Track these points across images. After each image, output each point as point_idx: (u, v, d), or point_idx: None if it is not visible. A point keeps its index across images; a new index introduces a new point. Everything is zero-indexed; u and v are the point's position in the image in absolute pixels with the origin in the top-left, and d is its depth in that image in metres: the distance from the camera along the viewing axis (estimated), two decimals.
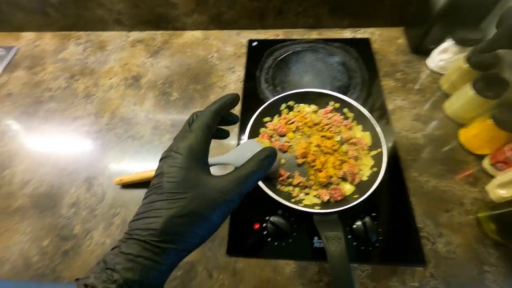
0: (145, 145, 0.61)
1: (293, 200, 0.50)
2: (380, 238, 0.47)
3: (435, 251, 0.46)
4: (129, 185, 0.55)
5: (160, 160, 0.27)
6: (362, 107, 0.55)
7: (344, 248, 0.40)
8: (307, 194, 0.51)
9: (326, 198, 0.49)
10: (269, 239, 0.48)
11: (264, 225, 0.49)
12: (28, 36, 0.83)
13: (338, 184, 0.51)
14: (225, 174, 0.26)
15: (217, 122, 0.29)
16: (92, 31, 0.82)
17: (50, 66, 0.76)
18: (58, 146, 0.63)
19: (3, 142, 0.64)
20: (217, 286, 0.45)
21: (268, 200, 0.47)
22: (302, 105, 0.60)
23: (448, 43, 0.60)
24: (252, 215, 0.50)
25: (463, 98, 0.54)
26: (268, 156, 0.28)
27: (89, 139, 0.63)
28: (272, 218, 0.47)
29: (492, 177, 0.50)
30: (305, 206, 0.48)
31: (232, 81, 0.69)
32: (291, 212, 0.50)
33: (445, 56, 0.62)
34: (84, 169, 0.59)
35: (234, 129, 0.61)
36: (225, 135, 0.35)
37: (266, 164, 0.28)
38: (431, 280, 0.43)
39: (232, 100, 0.31)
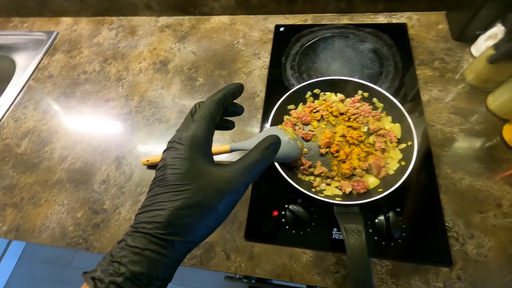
0: (171, 128, 0.63)
1: (313, 189, 0.49)
2: (403, 234, 0.45)
3: (464, 252, 0.43)
4: (154, 166, 0.57)
5: (163, 152, 0.27)
6: (392, 97, 0.52)
7: (364, 241, 0.39)
8: (328, 184, 0.50)
9: (348, 190, 0.48)
10: (287, 227, 0.48)
11: (283, 212, 0.49)
12: (66, 21, 0.87)
13: (361, 176, 0.50)
14: (229, 164, 0.26)
15: (221, 112, 0.29)
16: (124, 16, 0.84)
17: (86, 50, 0.80)
18: (92, 125, 0.67)
19: (45, 120, 0.69)
20: (234, 268, 0.47)
21: (288, 188, 0.47)
22: (328, 93, 0.58)
23: (498, 28, 0.54)
24: (272, 202, 0.50)
25: (510, 92, 0.49)
26: (272, 144, 0.28)
27: (120, 121, 0.66)
28: (292, 207, 0.47)
29: None
30: (326, 196, 0.48)
31: (257, 67, 0.68)
32: (310, 202, 0.49)
33: (493, 42, 0.56)
34: (115, 148, 0.62)
35: (257, 116, 0.61)
36: (230, 126, 0.34)
37: (270, 153, 0.27)
38: (457, 282, 0.41)
39: (235, 90, 0.30)
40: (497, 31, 0.54)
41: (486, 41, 0.57)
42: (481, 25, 0.58)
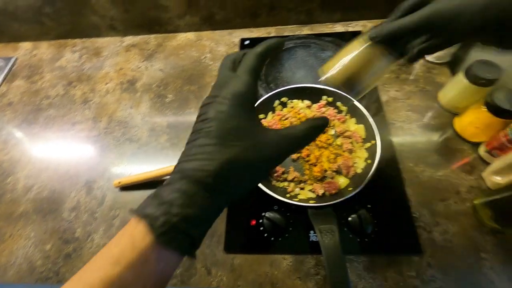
0: (142, 147, 0.62)
1: (288, 195, 0.50)
2: (376, 229, 0.47)
3: (431, 240, 0.45)
4: (127, 187, 0.56)
5: (202, 106, 0.25)
6: (355, 100, 0.55)
7: (338, 240, 0.41)
8: (302, 189, 0.51)
9: (321, 192, 0.49)
10: (265, 235, 0.48)
11: (261, 221, 0.49)
12: (25, 46, 0.84)
13: (332, 177, 0.52)
14: (277, 130, 0.25)
15: (263, 67, 0.27)
16: (87, 38, 0.83)
17: (48, 75, 0.77)
18: (58, 151, 0.64)
19: (6, 150, 0.65)
20: (216, 282, 0.46)
21: (264, 196, 0.47)
22: (295, 100, 0.60)
23: None
24: (249, 211, 0.51)
25: (456, 87, 0.54)
26: (321, 126, 0.27)
27: (88, 143, 0.64)
28: (268, 214, 0.48)
29: (488, 164, 0.50)
30: (300, 200, 0.49)
31: None
32: (286, 207, 0.50)
33: None
34: (84, 172, 0.60)
35: None
36: None
37: (316, 132, 0.27)
38: (428, 269, 0.43)
39: (279, 44, 0.28)
40: None
41: None
42: None
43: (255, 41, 0.75)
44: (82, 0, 0.73)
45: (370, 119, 0.52)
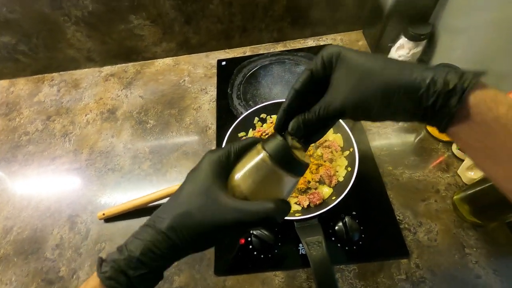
0: (125, 175, 0.61)
1: None
2: (362, 235, 0.47)
3: (417, 241, 0.46)
4: (112, 218, 0.55)
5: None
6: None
7: (325, 251, 0.41)
8: None
9: (305, 203, 0.50)
10: (255, 253, 0.48)
11: (249, 239, 0.49)
12: (1, 84, 0.84)
13: (316, 188, 0.52)
14: (236, 201, 0.25)
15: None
16: (65, 71, 0.83)
17: (26, 111, 0.77)
18: (39, 187, 0.62)
19: None
20: None
21: None
22: (274, 116, 0.62)
23: (403, 40, 0.63)
24: None
25: None
26: (276, 216, 0.25)
27: (70, 177, 0.63)
28: (255, 232, 0.47)
29: (462, 160, 0.52)
30: None
31: (206, 102, 0.70)
32: (273, 224, 0.50)
33: (402, 52, 0.65)
34: (67, 207, 0.58)
35: (211, 147, 0.62)
36: None
37: (269, 221, 0.25)
38: (416, 270, 0.44)
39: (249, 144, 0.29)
40: (403, 42, 0.64)
41: (397, 51, 0.66)
42: (390, 39, 0.67)
43: (231, 61, 0.77)
44: (57, 35, 0.73)
45: (346, 127, 0.54)
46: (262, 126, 0.61)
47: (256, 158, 0.26)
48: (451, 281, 0.43)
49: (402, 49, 0.65)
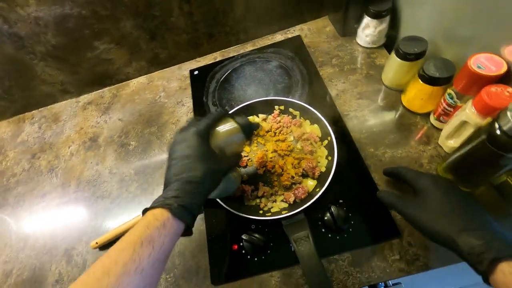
0: (114, 200, 0.62)
1: (261, 211, 0.51)
2: (352, 222, 0.47)
3: None
4: (106, 245, 0.55)
5: (174, 144, 0.40)
6: (302, 102, 0.57)
7: (313, 245, 0.41)
8: (274, 201, 0.52)
9: (291, 199, 0.50)
10: (248, 257, 0.48)
11: (241, 244, 0.49)
12: None
13: (300, 182, 0.52)
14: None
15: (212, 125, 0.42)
16: (44, 107, 0.84)
17: (11, 153, 0.77)
18: (33, 227, 0.63)
19: None
20: None
21: (239, 219, 0.48)
22: (250, 117, 0.62)
23: (367, 19, 0.63)
24: (229, 237, 0.51)
25: (393, 67, 0.56)
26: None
27: (61, 211, 0.63)
28: (245, 236, 0.47)
29: (441, 130, 0.51)
30: (274, 214, 0.49)
31: (183, 114, 0.70)
32: (263, 224, 0.50)
33: (369, 31, 0.65)
34: (62, 242, 0.59)
35: None
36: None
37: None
38: (409, 248, 0.44)
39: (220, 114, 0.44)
40: (367, 21, 0.63)
41: (364, 31, 0.66)
42: (355, 20, 0.67)
43: (203, 70, 0.77)
44: (28, 73, 0.74)
45: (321, 117, 0.54)
46: None
47: (232, 130, 0.43)
48: (444, 254, 0.41)
49: (368, 28, 0.64)
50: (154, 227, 0.31)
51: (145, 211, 0.34)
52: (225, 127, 0.43)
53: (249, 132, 0.44)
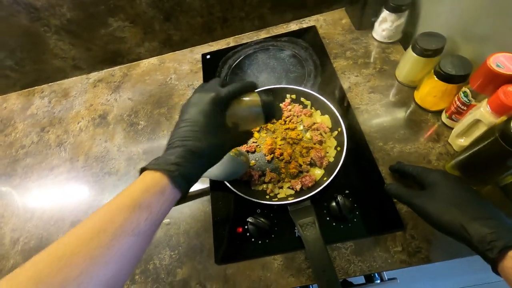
0: (122, 177, 0.62)
1: (267, 196, 0.51)
2: (357, 212, 0.48)
3: (411, 212, 0.46)
4: None
5: (186, 106, 0.38)
6: (315, 92, 0.57)
7: (319, 231, 0.42)
8: (280, 187, 0.52)
9: (298, 187, 0.50)
10: (253, 240, 0.49)
11: (246, 227, 0.50)
12: None
13: (308, 171, 0.53)
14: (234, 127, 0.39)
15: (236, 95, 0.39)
16: (54, 82, 0.84)
17: (20, 124, 0.78)
18: (40, 198, 0.64)
19: None
20: None
21: (245, 202, 0.49)
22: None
23: (385, 13, 0.62)
24: (234, 220, 0.51)
25: (408, 63, 0.56)
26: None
27: (69, 185, 0.64)
28: (251, 219, 0.48)
29: (451, 129, 0.52)
30: (280, 199, 0.50)
31: None
32: (269, 209, 0.51)
33: (386, 25, 0.64)
34: (69, 214, 0.60)
35: None
36: None
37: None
38: (412, 241, 0.44)
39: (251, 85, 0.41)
40: (385, 15, 0.63)
41: (381, 25, 0.65)
42: (373, 13, 0.66)
43: (216, 54, 0.77)
44: (41, 46, 0.74)
45: (333, 108, 0.54)
46: None
47: (254, 103, 0.39)
48: (446, 247, 0.43)
49: (385, 23, 0.64)
50: (153, 192, 0.30)
51: (143, 169, 0.33)
52: (249, 98, 0.39)
53: (270, 112, 0.40)
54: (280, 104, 0.61)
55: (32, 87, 0.85)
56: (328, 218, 0.48)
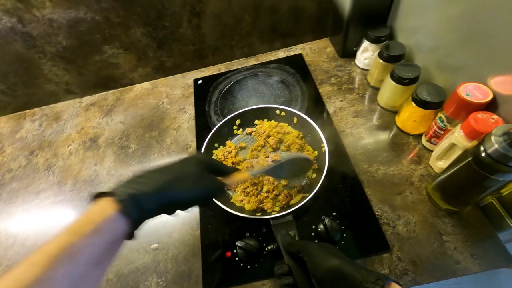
0: None
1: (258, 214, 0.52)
2: (344, 235, 0.48)
3: (396, 234, 0.48)
4: None
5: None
6: (300, 112, 0.60)
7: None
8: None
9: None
10: (241, 264, 0.48)
11: (235, 251, 0.50)
12: None
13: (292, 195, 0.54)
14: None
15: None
16: (46, 105, 0.85)
17: (9, 148, 0.77)
18: (24, 224, 0.62)
19: None
20: None
21: (234, 224, 0.49)
22: (261, 120, 0.64)
23: (366, 43, 0.67)
24: (223, 243, 0.51)
25: (388, 90, 0.60)
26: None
27: (55, 209, 0.63)
28: (239, 243, 0.48)
29: (431, 152, 0.54)
30: (263, 214, 0.51)
31: (185, 121, 0.72)
32: (258, 233, 0.51)
33: (367, 54, 0.68)
34: None
35: None
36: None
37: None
38: (398, 263, 0.45)
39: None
40: (366, 45, 0.67)
41: (362, 54, 0.70)
42: (354, 43, 0.71)
43: (207, 80, 0.80)
44: (34, 71, 0.75)
45: (316, 127, 0.56)
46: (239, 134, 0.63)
47: None
48: (432, 270, 0.44)
49: (367, 52, 0.68)
50: (82, 233, 0.26)
51: (95, 197, 0.30)
52: None
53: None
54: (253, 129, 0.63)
55: (23, 110, 0.85)
56: (316, 240, 0.48)
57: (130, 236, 0.31)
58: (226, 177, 0.42)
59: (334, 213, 0.51)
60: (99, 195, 0.30)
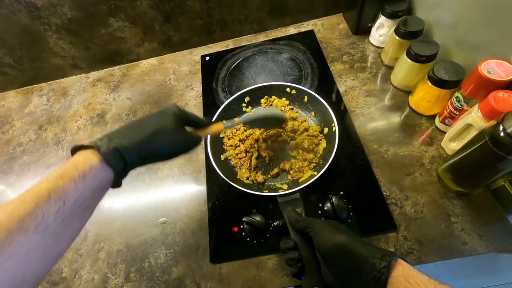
0: None
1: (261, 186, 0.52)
2: (350, 213, 0.48)
3: (404, 214, 0.47)
4: (110, 217, 0.56)
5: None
6: (311, 91, 0.58)
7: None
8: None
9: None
10: (248, 239, 0.49)
11: (242, 226, 0.50)
12: None
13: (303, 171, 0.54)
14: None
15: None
16: (53, 80, 0.84)
17: (18, 122, 0.78)
18: None
19: None
20: None
21: (241, 201, 0.50)
22: (263, 99, 0.63)
23: (382, 19, 0.64)
24: (230, 219, 0.52)
25: (403, 68, 0.57)
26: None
27: None
28: (246, 218, 0.49)
29: (444, 133, 0.53)
30: (270, 191, 0.51)
31: (192, 98, 0.71)
32: (264, 209, 0.51)
33: (382, 31, 0.65)
34: None
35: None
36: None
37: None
38: (404, 242, 0.45)
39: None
40: (382, 20, 0.64)
41: (378, 30, 0.67)
42: (369, 19, 0.67)
43: (215, 56, 0.78)
44: (40, 44, 0.74)
45: (327, 106, 0.55)
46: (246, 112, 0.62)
47: None
48: (438, 250, 0.44)
49: (382, 28, 0.65)
50: (70, 177, 0.27)
51: (74, 149, 0.31)
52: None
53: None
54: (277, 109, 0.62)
55: (30, 85, 0.85)
56: (323, 218, 0.49)
57: (116, 184, 0.33)
58: (200, 129, 0.43)
59: (342, 192, 0.51)
60: (80, 148, 0.31)
